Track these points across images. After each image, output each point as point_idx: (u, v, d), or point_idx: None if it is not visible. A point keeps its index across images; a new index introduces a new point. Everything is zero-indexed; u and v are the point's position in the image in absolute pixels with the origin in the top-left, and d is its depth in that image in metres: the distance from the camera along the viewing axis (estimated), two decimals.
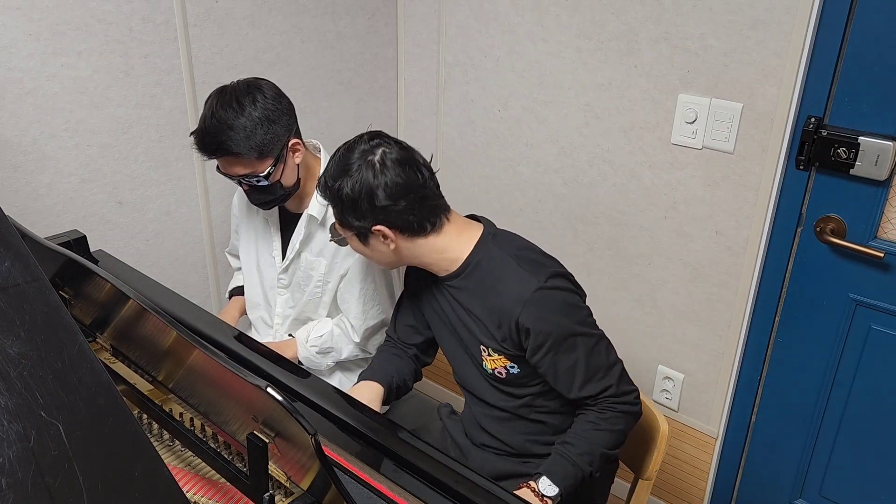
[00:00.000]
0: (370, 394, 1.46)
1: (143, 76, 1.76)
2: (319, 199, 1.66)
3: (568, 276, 1.38)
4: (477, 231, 1.40)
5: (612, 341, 1.40)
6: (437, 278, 1.43)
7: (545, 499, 1.30)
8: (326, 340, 1.74)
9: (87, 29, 1.64)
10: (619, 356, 1.40)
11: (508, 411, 1.45)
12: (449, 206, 1.40)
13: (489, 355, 1.39)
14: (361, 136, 1.36)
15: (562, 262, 1.42)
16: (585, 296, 1.41)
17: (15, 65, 1.56)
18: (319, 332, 1.74)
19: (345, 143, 1.37)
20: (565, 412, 1.43)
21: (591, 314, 1.39)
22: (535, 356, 1.33)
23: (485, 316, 1.37)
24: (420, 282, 1.50)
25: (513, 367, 1.38)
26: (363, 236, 1.37)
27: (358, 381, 1.52)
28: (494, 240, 1.39)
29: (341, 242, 1.45)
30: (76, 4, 1.61)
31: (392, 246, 1.36)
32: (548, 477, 1.32)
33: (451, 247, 1.38)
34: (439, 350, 1.60)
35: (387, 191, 1.30)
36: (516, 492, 1.30)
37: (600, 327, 1.39)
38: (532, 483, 1.32)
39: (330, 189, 1.35)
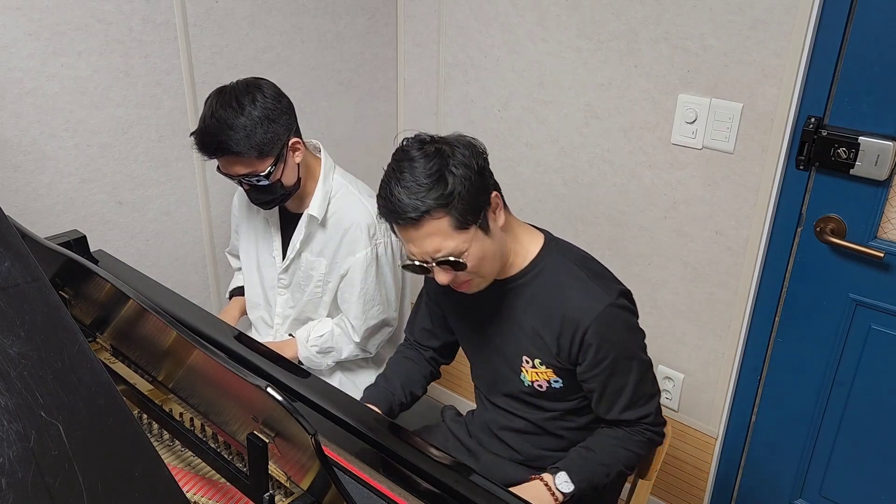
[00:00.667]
0: None
1: (143, 76, 1.76)
2: (320, 200, 1.66)
3: (631, 295, 1.35)
4: (538, 233, 1.37)
5: None
6: None
7: (556, 494, 1.28)
8: (327, 340, 1.74)
9: (87, 29, 1.64)
10: None
11: (533, 423, 1.42)
12: None
13: (533, 367, 1.36)
14: (408, 146, 1.24)
15: None
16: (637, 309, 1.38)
17: (15, 65, 1.56)
18: (320, 331, 1.75)
19: (400, 164, 1.22)
20: (590, 429, 1.42)
21: (645, 337, 1.37)
22: (589, 372, 1.30)
23: (542, 324, 1.32)
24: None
25: (556, 382, 1.36)
26: (485, 223, 1.25)
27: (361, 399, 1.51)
28: (558, 246, 1.36)
29: (459, 266, 1.24)
30: (76, 4, 1.61)
31: (501, 220, 1.28)
32: (567, 473, 1.30)
33: (521, 239, 1.34)
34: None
35: (476, 156, 1.24)
36: (527, 484, 1.30)
37: None
38: (546, 476, 1.31)
39: (436, 201, 1.18)
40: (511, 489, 1.11)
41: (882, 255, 1.58)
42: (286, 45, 2.03)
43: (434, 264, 1.25)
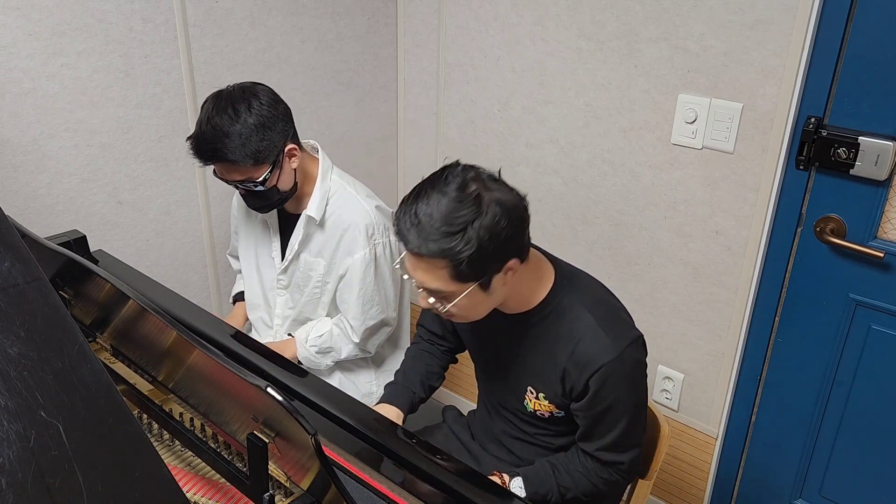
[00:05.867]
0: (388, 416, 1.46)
1: (143, 76, 1.76)
2: (318, 200, 1.66)
3: (641, 340, 1.31)
4: (549, 269, 1.32)
5: None
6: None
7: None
8: (326, 340, 1.74)
9: (87, 29, 1.64)
10: None
11: (535, 437, 1.44)
12: None
13: (537, 399, 1.36)
14: (450, 177, 1.17)
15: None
16: (647, 354, 1.35)
17: (15, 65, 1.56)
18: (319, 331, 1.74)
19: (430, 192, 1.16)
20: None
21: (646, 388, 1.34)
22: (581, 411, 1.30)
23: (547, 365, 1.31)
24: None
25: (559, 413, 1.36)
26: (486, 283, 1.19)
27: (380, 402, 1.53)
28: (570, 285, 1.31)
29: (444, 310, 1.24)
30: (76, 4, 1.61)
31: (509, 277, 1.22)
32: (524, 481, 1.34)
33: (530, 280, 1.29)
34: None
35: (510, 222, 1.15)
36: (489, 478, 1.33)
37: None
38: (505, 476, 1.34)
39: (441, 252, 1.13)
40: None
41: (882, 255, 1.58)
42: (286, 45, 2.03)
43: (421, 289, 1.23)
